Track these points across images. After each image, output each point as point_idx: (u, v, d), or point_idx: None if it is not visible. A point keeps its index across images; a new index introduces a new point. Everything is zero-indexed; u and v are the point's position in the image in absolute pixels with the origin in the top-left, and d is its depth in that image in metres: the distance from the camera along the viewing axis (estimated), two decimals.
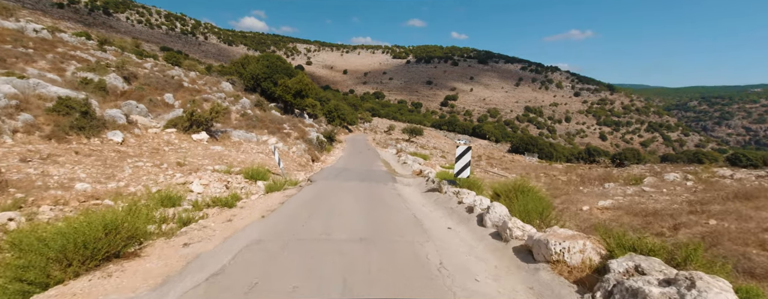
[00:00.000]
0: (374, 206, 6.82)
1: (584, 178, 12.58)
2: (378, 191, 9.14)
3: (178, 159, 9.49)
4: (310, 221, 5.17)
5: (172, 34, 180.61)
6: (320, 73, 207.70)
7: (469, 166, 8.52)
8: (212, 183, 8.28)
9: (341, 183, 10.26)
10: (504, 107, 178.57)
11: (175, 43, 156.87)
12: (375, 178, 12.09)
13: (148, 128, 11.81)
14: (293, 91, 27.08)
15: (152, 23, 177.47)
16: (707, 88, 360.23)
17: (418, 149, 37.51)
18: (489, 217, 5.23)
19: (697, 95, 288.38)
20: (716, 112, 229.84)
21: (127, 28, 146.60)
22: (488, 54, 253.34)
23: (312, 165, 16.69)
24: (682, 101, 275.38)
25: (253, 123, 18.85)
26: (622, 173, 13.32)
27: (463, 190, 7.48)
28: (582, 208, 6.56)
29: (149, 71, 23.24)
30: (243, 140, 15.40)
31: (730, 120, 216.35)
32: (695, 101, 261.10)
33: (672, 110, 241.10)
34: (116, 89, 15.72)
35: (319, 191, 8.70)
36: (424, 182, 11.25)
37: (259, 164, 11.99)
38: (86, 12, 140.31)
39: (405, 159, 20.26)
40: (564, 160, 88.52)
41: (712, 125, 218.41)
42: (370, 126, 70.51)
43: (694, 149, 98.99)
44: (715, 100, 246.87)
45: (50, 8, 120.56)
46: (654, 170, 36.13)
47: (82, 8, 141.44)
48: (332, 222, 5.20)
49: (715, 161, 71.67)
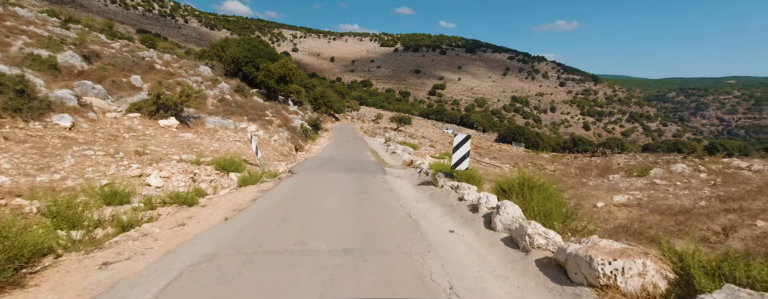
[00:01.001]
0: (362, 203, 5.91)
1: (583, 169, 11.98)
2: (366, 184, 8.21)
3: (138, 147, 8.28)
4: (285, 225, 4.21)
5: (149, 17, 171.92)
6: (307, 60, 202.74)
7: (468, 157, 7.67)
8: (175, 176, 7.16)
9: (326, 175, 9.28)
10: (491, 96, 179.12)
11: (153, 26, 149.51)
12: (363, 169, 11.15)
13: (107, 112, 10.43)
14: (276, 76, 25.55)
15: (127, 4, 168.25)
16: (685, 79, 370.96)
17: (407, 139, 36.68)
18: (499, 218, 4.39)
19: (676, 86, 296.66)
20: (692, 103, 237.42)
21: (99, 9, 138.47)
22: (476, 43, 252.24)
23: (295, 155, 15.58)
24: (662, 91, 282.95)
25: (232, 109, 17.48)
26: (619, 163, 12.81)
27: (463, 184, 6.63)
28: (596, 204, 5.84)
29: (117, 51, 21.33)
30: (219, 127, 14.11)
31: (705, 111, 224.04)
32: (673, 92, 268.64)
33: (652, 100, 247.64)
34: (73, 69, 14.07)
35: (300, 184, 7.70)
36: (417, 174, 10.39)
37: (235, 153, 10.85)
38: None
39: (394, 149, 19.37)
40: (550, 149, 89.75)
41: (689, 116, 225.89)
42: (357, 115, 69.12)
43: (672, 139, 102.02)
44: (691, 91, 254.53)
45: None
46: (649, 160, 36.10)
47: None
48: (312, 225, 4.25)
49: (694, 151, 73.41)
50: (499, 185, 5.99)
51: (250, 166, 10.43)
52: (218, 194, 6.48)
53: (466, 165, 7.67)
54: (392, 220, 4.82)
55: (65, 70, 13.55)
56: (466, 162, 7.67)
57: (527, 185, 5.50)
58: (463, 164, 7.65)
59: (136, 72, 17.72)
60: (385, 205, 5.90)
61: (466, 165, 7.67)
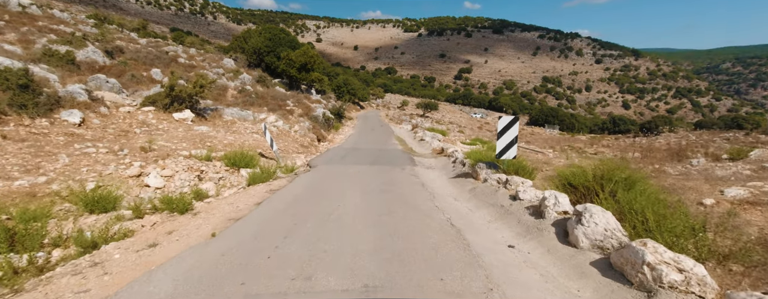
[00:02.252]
0: (389, 205, 4.79)
1: (647, 153, 10.14)
2: (393, 178, 7.08)
3: (145, 143, 7.62)
4: (286, 245, 3.17)
5: (181, 15, 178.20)
6: (330, 50, 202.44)
7: (516, 143, 6.30)
8: (179, 174, 6.39)
9: (347, 168, 8.24)
10: (520, 78, 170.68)
11: (185, 24, 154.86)
12: (389, 160, 10.02)
13: (120, 106, 9.95)
14: (297, 64, 24.73)
15: (161, 4, 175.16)
16: (742, 48, 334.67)
17: (434, 125, 35.08)
18: (583, 231, 3.10)
19: (731, 56, 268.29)
20: (752, 73, 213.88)
21: (136, 10, 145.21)
22: (503, 23, 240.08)
23: (317, 146, 14.73)
24: (714, 63, 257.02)
25: (252, 100, 16.84)
26: (690, 143, 10.77)
27: (514, 178, 5.31)
28: (703, 202, 4.35)
29: (142, 47, 21.30)
30: (237, 118, 13.46)
31: (766, 81, 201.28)
32: (728, 62, 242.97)
33: (702, 73, 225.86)
34: (94, 64, 13.84)
35: (316, 181, 6.70)
36: (450, 164, 9.12)
37: (251, 146, 10.07)
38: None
39: (422, 135, 18.07)
40: (587, 131, 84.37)
41: (747, 88, 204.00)
42: (382, 102, 67.82)
43: (729, 115, 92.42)
44: (750, 60, 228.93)
45: None
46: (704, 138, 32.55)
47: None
48: (322, 245, 3.18)
49: (759, 126, 66.28)
50: (565, 179, 4.64)
51: (266, 160, 9.63)
52: (221, 195, 5.61)
53: (513, 153, 6.32)
54: (428, 231, 3.66)
55: (86, 65, 13.31)
56: (513, 150, 6.31)
57: (603, 178, 4.12)
58: (511, 152, 6.30)
59: (157, 66, 17.45)
60: (417, 208, 4.74)
61: (513, 153, 6.32)
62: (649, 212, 2.91)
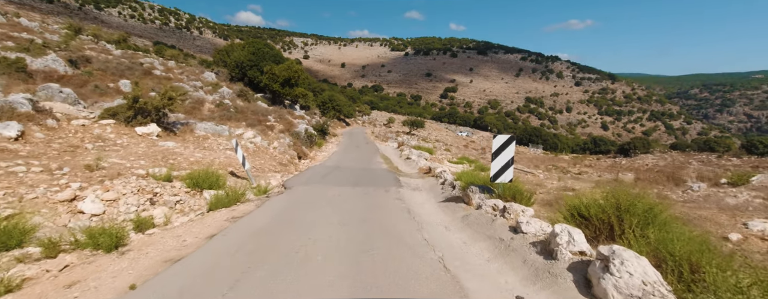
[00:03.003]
0: (370, 239, 4.02)
1: (642, 176, 9.78)
2: (377, 203, 6.32)
3: (95, 161, 6.64)
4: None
5: (166, 29, 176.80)
6: (317, 67, 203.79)
7: (512, 165, 5.71)
8: (126, 197, 5.45)
9: (326, 190, 7.44)
10: (504, 98, 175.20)
11: (169, 38, 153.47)
12: (373, 180, 9.28)
13: (73, 118, 8.94)
14: (281, 79, 24.07)
15: (145, 18, 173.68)
16: (708, 75, 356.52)
17: (421, 143, 34.71)
18: (614, 283, 2.43)
19: (699, 82, 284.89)
20: (717, 99, 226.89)
21: (119, 23, 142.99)
22: (487, 45, 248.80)
23: (297, 163, 13.85)
24: (684, 88, 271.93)
25: (229, 115, 15.94)
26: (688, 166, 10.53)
27: (514, 206, 4.65)
28: (728, 237, 3.79)
29: (114, 57, 20.26)
30: (210, 134, 12.52)
31: (731, 107, 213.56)
32: (696, 88, 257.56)
33: (673, 98, 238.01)
34: (53, 73, 12.77)
35: (288, 205, 5.88)
36: (439, 186, 8.45)
37: (222, 164, 9.16)
38: (76, 8, 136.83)
39: (408, 154, 17.46)
40: (569, 151, 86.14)
41: (714, 113, 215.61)
42: (368, 119, 67.55)
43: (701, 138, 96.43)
44: (716, 87, 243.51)
45: (39, 4, 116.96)
46: (679, 160, 32.94)
47: (72, 3, 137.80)
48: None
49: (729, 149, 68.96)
50: (574, 209, 4.00)
51: (238, 180, 8.72)
52: (171, 224, 4.70)
53: (510, 177, 5.71)
54: (417, 278, 2.91)
55: (43, 74, 12.23)
56: (510, 172, 5.70)
57: (626, 209, 3.50)
58: (506, 175, 5.69)
59: (128, 77, 16.43)
60: (403, 241, 3.98)
61: (510, 177, 5.71)
62: (701, 260, 2.26)
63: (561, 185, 9.47)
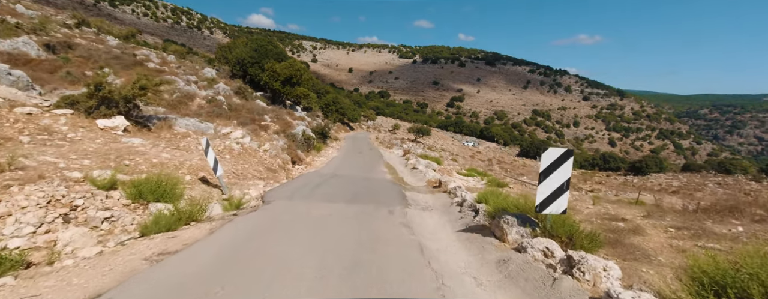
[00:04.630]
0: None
1: (685, 205, 8.08)
2: (377, 232, 4.70)
3: (8, 159, 5.11)
4: None
5: (177, 28, 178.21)
6: (325, 71, 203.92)
7: (567, 190, 4.08)
8: (26, 212, 3.89)
9: (312, 208, 5.83)
10: (511, 109, 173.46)
11: (180, 37, 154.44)
12: (375, 194, 7.67)
13: (16, 106, 7.48)
14: (282, 77, 22.70)
15: (158, 16, 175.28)
16: (718, 96, 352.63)
17: (427, 151, 33.07)
18: None
19: (708, 102, 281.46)
20: (728, 120, 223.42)
21: (131, 21, 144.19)
22: (496, 56, 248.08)
23: (290, 169, 12.27)
24: (693, 108, 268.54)
25: (220, 112, 14.47)
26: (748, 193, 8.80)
27: (589, 260, 3.00)
28: None
29: (104, 47, 19.02)
30: (192, 131, 11.01)
31: (742, 129, 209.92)
32: (706, 108, 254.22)
33: (682, 117, 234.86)
34: (22, 57, 11.40)
35: (254, 233, 4.26)
36: (454, 206, 6.82)
37: (191, 168, 7.60)
38: (92, 3, 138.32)
39: (415, 163, 15.83)
40: (577, 166, 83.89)
41: (724, 134, 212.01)
42: (373, 125, 66.15)
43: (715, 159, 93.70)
44: (726, 108, 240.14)
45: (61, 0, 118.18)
46: (696, 181, 31.10)
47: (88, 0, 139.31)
48: None
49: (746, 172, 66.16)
50: (702, 273, 2.36)
51: (210, 188, 7.15)
52: (60, 263, 3.10)
53: (563, 206, 4.08)
54: None
55: (7, 56, 10.86)
56: (563, 200, 4.07)
57: None
58: (560, 204, 4.06)
59: (113, 67, 15.07)
60: None
61: (563, 206, 4.08)
62: None
63: (601, 211, 7.78)
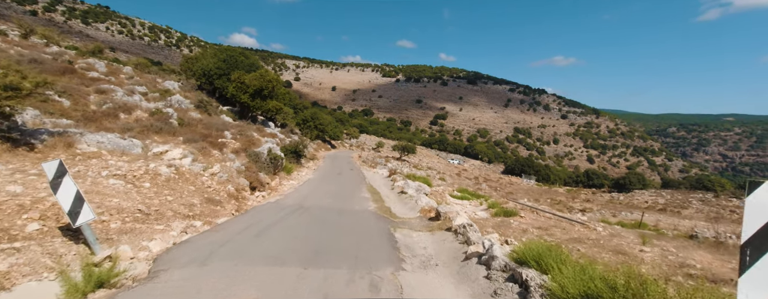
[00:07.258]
0: None
1: None
2: None
3: None
4: None
5: (154, 46, 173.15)
6: (308, 89, 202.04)
7: None
8: None
9: (233, 288, 3.18)
10: (493, 127, 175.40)
11: (157, 55, 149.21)
12: (350, 243, 5.06)
13: None
14: (251, 89, 20.08)
15: (134, 34, 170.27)
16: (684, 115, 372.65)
17: (413, 170, 30.65)
18: None
19: (675, 121, 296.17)
20: (694, 138, 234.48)
21: (105, 38, 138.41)
22: (477, 75, 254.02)
23: (245, 198, 9.48)
24: (662, 126, 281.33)
25: (161, 127, 11.64)
26: None
27: None
28: None
29: (30, 52, 16.05)
30: (108, 150, 8.19)
31: (707, 147, 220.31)
32: (674, 127, 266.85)
33: (653, 135, 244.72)
34: None
35: None
36: (471, 263, 4.33)
37: (53, 208, 4.79)
38: (62, 21, 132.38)
39: (403, 186, 13.30)
40: (561, 183, 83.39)
41: (691, 151, 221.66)
42: (357, 143, 63.61)
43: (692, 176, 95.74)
44: (692, 127, 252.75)
45: (21, 15, 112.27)
46: (678, 198, 29.68)
47: (58, 17, 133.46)
48: None
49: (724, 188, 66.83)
50: None
51: (73, 245, 4.37)
52: None
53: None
54: None
55: None
56: None
57: None
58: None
59: (23, 70, 12.09)
60: None
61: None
62: None
63: (665, 257, 5.44)
